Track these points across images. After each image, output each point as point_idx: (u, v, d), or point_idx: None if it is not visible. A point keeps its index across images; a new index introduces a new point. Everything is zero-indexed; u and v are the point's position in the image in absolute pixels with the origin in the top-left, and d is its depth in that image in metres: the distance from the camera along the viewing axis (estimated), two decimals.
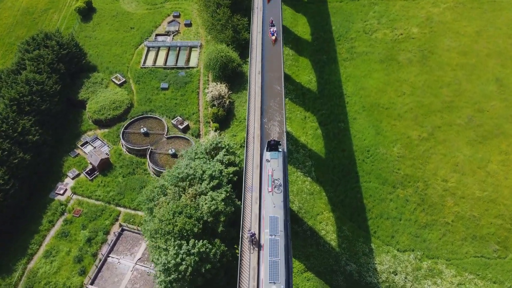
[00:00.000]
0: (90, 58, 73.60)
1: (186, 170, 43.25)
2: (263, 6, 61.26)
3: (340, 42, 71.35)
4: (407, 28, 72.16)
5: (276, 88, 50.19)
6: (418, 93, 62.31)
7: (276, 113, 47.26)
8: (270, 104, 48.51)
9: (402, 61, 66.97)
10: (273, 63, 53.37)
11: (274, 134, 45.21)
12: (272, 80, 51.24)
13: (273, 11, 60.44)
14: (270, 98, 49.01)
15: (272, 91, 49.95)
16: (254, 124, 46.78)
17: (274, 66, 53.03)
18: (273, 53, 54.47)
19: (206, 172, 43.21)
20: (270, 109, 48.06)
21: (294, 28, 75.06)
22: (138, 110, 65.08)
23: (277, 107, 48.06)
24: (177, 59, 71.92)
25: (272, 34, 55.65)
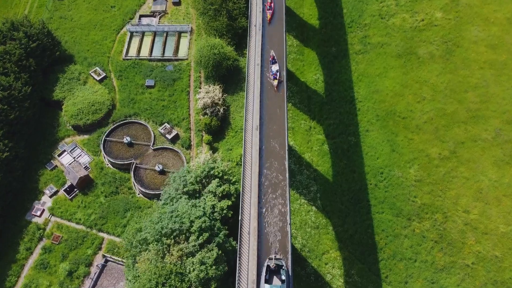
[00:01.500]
0: (65, 45, 64.46)
1: (170, 224, 37.05)
2: (263, 27, 48.33)
3: (352, 29, 61.86)
4: (430, 12, 62.24)
5: (279, 177, 38.69)
6: (440, 98, 54.42)
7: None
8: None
9: (423, 56, 58.16)
10: (273, 120, 42.12)
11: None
12: (274, 148, 40.82)
13: (275, 39, 47.34)
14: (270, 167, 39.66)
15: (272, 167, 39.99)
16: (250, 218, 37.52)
17: (275, 122, 42.25)
18: (274, 101, 43.45)
19: (195, 224, 37.12)
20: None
21: (299, 9, 65.06)
22: (120, 113, 57.49)
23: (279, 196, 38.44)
24: (164, 48, 62.80)
25: (274, 76, 44.38)
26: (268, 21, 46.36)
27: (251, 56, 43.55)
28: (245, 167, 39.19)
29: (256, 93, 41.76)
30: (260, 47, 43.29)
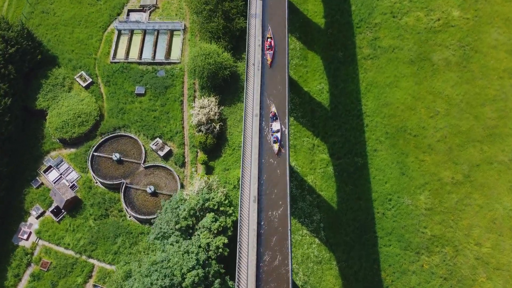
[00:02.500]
0: (48, 44, 59.20)
1: (160, 280, 34.01)
2: (263, 70, 41.69)
3: (361, 29, 56.38)
4: (446, 10, 56.51)
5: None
6: (455, 113, 50.07)
7: None
8: None
9: (438, 63, 53.18)
10: (274, 185, 36.97)
11: None
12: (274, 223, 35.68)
13: (275, 90, 40.67)
14: None
15: None
16: None
17: (276, 187, 37.09)
18: (275, 166, 37.85)
19: (187, 279, 34.15)
20: None
21: (303, 5, 59.14)
22: (109, 124, 53.32)
23: None
24: (155, 50, 57.56)
25: (275, 139, 38.29)
26: (269, 64, 40.73)
27: (249, 104, 38.12)
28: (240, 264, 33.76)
29: (254, 155, 36.54)
30: (259, 94, 37.83)
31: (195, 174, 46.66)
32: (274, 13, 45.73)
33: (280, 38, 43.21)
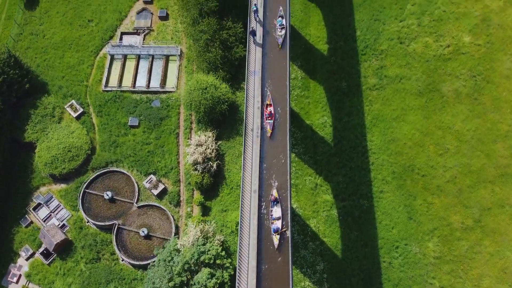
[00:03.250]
0: (37, 69, 56.42)
1: None
2: (262, 142, 37.48)
3: (366, 57, 53.42)
4: (457, 36, 53.47)
5: None
6: (466, 151, 47.43)
7: None
8: None
9: (447, 94, 50.37)
10: None
11: None
12: None
13: (276, 167, 36.57)
14: None
15: None
16: None
17: None
18: (276, 266, 33.29)
19: None
20: None
21: (305, 29, 56.12)
22: (101, 158, 50.76)
23: None
24: (149, 77, 54.73)
25: (275, 228, 34.21)
26: (269, 136, 37.38)
27: (246, 179, 34.40)
28: None
29: (252, 241, 32.40)
30: (258, 167, 34.83)
31: (190, 222, 44.17)
32: (274, 70, 41.93)
33: (281, 104, 39.38)
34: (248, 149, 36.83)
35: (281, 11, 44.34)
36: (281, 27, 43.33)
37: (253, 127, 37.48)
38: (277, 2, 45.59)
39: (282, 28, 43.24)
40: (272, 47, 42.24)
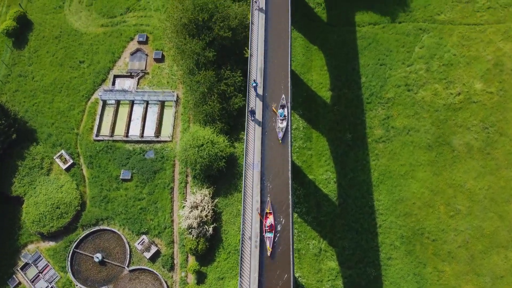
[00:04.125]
0: (26, 115, 53.67)
1: None
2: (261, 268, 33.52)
3: (372, 105, 50.57)
4: (468, 83, 50.67)
5: None
6: (478, 212, 44.54)
7: None
8: None
9: (458, 148, 47.51)
10: None
11: None
12: None
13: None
14: None
15: None
16: None
17: None
18: None
19: None
20: None
21: (307, 74, 53.28)
22: (91, 215, 47.90)
23: None
24: (143, 125, 51.90)
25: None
26: (269, 254, 32.80)
27: None
28: None
29: None
30: None
31: (187, 273, 41.24)
32: (275, 164, 38.57)
33: (283, 213, 35.16)
34: (245, 262, 33.00)
35: (283, 99, 40.57)
36: (283, 118, 39.47)
37: (251, 235, 33.63)
38: (279, 85, 41.76)
39: (283, 120, 39.37)
40: (272, 138, 38.94)
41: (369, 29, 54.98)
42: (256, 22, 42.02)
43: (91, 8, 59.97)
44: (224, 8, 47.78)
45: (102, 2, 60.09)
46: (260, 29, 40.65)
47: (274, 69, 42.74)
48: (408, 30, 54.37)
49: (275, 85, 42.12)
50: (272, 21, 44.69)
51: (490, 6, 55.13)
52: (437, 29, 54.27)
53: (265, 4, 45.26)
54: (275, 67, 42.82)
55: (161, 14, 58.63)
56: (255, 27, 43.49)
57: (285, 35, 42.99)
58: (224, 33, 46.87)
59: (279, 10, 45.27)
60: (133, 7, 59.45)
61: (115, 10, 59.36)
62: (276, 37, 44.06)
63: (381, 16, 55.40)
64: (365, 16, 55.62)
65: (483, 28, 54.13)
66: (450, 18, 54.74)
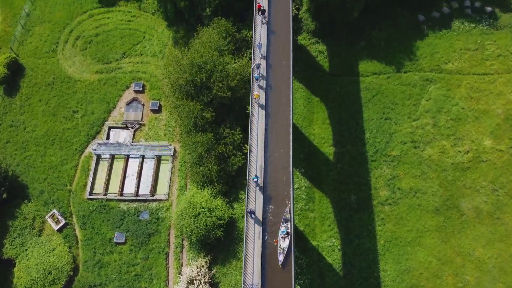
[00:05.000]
0: (17, 169, 51.67)
1: None
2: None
3: (377, 163, 48.53)
4: (477, 140, 48.66)
5: None
6: (486, 283, 42.48)
7: None
8: None
9: (467, 213, 45.49)
10: None
11: None
12: None
13: None
14: None
15: None
16: None
17: None
18: None
19: None
20: None
21: (308, 128, 51.26)
22: (84, 280, 45.90)
23: None
24: (139, 182, 49.86)
25: None
26: None
27: None
28: None
29: None
30: None
31: None
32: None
33: None
34: None
35: (287, 211, 36.55)
36: (284, 236, 35.39)
37: (253, 284, 31.90)
38: (282, 204, 37.56)
39: (285, 238, 35.30)
40: (272, 260, 35.05)
41: (373, 79, 52.95)
42: (256, 114, 39.53)
43: (85, 52, 57.94)
44: (223, 66, 45.71)
45: (96, 47, 58.11)
46: (260, 121, 38.15)
47: (274, 167, 39.05)
48: (414, 81, 52.36)
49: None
50: (272, 116, 41.33)
51: (500, 53, 53.24)
52: (444, 79, 52.27)
53: (265, 100, 42.20)
54: (275, 163, 39.13)
55: (158, 60, 56.70)
56: (254, 118, 40.45)
57: (286, 133, 39.76)
58: (223, 93, 44.85)
59: (279, 105, 41.93)
60: (129, 52, 57.50)
61: (110, 56, 57.33)
62: (275, 134, 40.42)
63: (386, 66, 53.42)
64: (369, 65, 53.62)
65: (492, 78, 52.17)
66: (458, 68, 52.76)
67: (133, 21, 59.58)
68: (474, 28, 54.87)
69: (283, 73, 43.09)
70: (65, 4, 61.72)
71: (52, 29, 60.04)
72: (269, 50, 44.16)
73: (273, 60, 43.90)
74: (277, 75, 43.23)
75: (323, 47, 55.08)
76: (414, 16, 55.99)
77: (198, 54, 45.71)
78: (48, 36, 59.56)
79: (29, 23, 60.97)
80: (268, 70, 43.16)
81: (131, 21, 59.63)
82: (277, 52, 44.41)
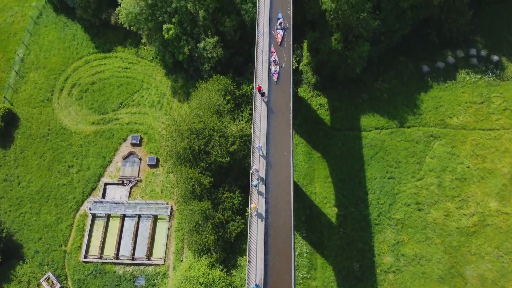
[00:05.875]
0: (11, 227, 50.50)
1: None
2: None
3: (380, 227, 47.19)
4: (482, 201, 47.30)
5: None
6: None
7: None
8: None
9: (472, 282, 44.13)
10: None
11: None
12: None
13: None
14: None
15: None
16: None
17: None
18: None
19: None
20: None
21: (309, 186, 49.92)
22: None
23: None
24: (135, 244, 48.61)
25: None
26: None
27: None
28: None
29: None
30: None
31: None
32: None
33: None
34: None
35: None
36: None
37: None
38: None
39: None
40: None
41: (375, 135, 51.59)
42: (255, 228, 37.65)
43: (81, 102, 56.66)
44: (222, 131, 44.35)
45: (93, 96, 56.84)
46: (260, 235, 36.40)
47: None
48: (418, 137, 50.99)
49: None
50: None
51: (506, 107, 51.83)
52: (449, 135, 50.90)
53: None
54: None
55: (156, 111, 55.37)
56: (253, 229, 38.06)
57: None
58: (222, 159, 43.53)
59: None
60: (126, 102, 56.21)
61: (107, 106, 56.03)
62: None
63: (389, 120, 52.06)
64: (372, 120, 52.27)
65: (498, 134, 50.79)
66: (463, 122, 51.38)
67: (130, 69, 58.25)
68: (480, 80, 53.47)
69: (282, 173, 39.27)
70: (60, 49, 60.46)
71: (47, 76, 58.79)
72: (269, 147, 40.42)
73: (272, 158, 39.90)
74: (276, 174, 39.45)
75: (324, 100, 53.74)
76: (418, 67, 54.63)
77: (197, 118, 44.36)
78: (43, 84, 58.30)
79: (24, 69, 59.71)
80: (268, 171, 39.69)
81: (129, 68, 58.30)
82: (278, 148, 40.33)
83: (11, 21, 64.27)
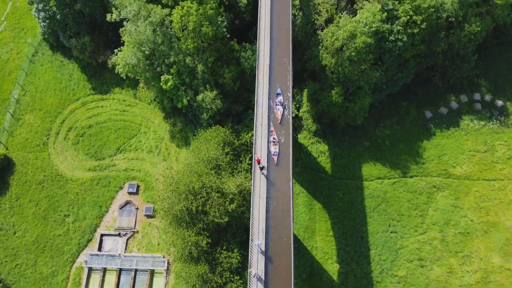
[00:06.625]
0: (7, 278, 49.58)
1: None
2: None
3: (383, 285, 46.11)
4: (485, 257, 46.28)
5: None
6: None
7: None
8: None
9: None
10: None
11: None
12: None
13: None
14: None
15: None
16: None
17: None
18: None
19: None
20: None
21: (310, 240, 48.91)
22: None
23: None
24: None
25: None
26: None
27: None
28: None
29: None
30: None
31: None
32: None
33: None
34: None
35: None
36: None
37: None
38: None
39: None
40: None
41: (377, 185, 50.52)
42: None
43: (77, 147, 55.66)
44: (220, 187, 43.27)
45: (89, 140, 55.82)
46: None
47: None
48: (421, 188, 49.93)
49: None
50: None
51: (511, 155, 50.76)
52: (452, 186, 49.83)
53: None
54: None
55: (154, 156, 54.34)
56: None
57: None
58: (220, 219, 42.48)
59: None
60: (124, 147, 55.18)
61: (104, 151, 55.01)
62: None
63: (391, 170, 51.00)
64: (373, 169, 51.21)
65: (502, 185, 49.73)
66: (467, 172, 50.31)
67: (128, 111, 57.22)
68: (484, 126, 52.41)
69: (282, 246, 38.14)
70: (56, 90, 59.43)
71: (43, 118, 57.79)
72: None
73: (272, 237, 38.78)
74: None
75: (325, 147, 52.69)
76: (421, 112, 53.58)
77: (195, 176, 43.31)
78: (38, 127, 57.30)
79: (19, 111, 58.71)
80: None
81: (126, 111, 57.27)
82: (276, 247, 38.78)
83: (6, 58, 63.23)
